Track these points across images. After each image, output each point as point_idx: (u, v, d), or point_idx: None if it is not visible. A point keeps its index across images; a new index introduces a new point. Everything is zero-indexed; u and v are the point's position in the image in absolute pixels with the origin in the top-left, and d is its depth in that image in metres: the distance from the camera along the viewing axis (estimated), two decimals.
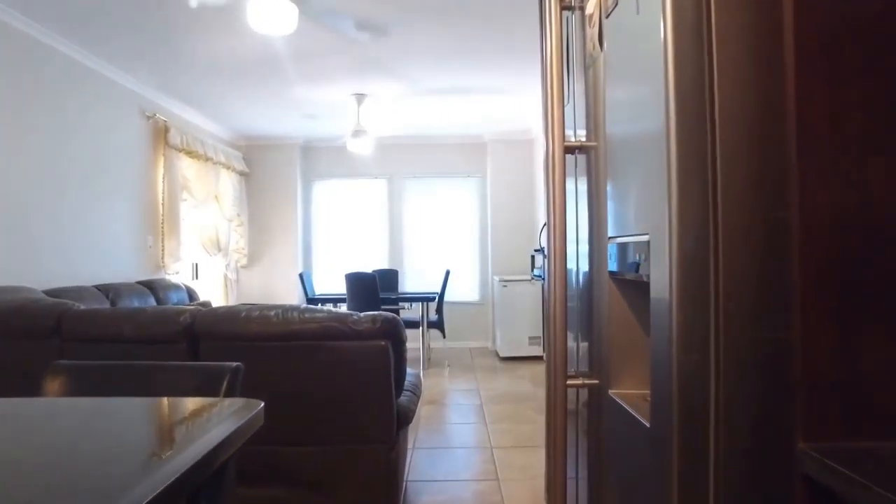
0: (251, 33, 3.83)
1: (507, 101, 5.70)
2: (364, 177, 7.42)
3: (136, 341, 2.17)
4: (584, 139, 1.44)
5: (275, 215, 7.18)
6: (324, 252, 7.50)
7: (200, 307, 2.30)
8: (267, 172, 7.18)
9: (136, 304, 4.28)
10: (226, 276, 6.31)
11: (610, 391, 1.13)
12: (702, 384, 0.79)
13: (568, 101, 1.55)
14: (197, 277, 6.16)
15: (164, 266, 5.19)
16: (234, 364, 1.23)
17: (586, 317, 1.41)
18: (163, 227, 5.19)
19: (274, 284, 7.16)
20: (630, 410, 0.99)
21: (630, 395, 1.08)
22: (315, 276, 7.46)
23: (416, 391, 2.67)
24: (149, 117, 5.01)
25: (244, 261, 7.00)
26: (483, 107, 5.88)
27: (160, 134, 5.17)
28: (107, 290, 4.10)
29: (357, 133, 5.22)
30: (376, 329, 2.16)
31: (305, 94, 5.25)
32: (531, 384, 5.25)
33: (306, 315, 2.18)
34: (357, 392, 2.19)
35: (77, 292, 3.79)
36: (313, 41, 4.02)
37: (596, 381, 1.31)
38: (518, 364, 6.22)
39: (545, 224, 2.69)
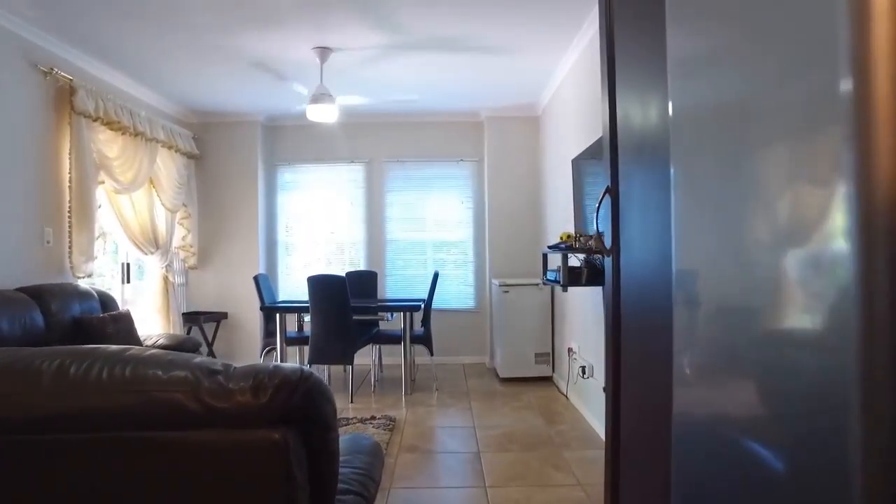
0: None
1: (509, 65, 4.57)
2: (338, 161, 6.26)
3: None
4: None
5: (232, 206, 6.02)
6: (291, 251, 6.35)
7: None
8: (222, 155, 6.02)
9: (2, 321, 3.12)
10: (166, 280, 5.14)
11: None
12: None
13: None
14: (128, 281, 5.00)
15: (72, 267, 4.03)
16: None
17: None
18: (70, 218, 4.03)
19: (231, 289, 6.00)
20: None
21: None
22: (282, 279, 6.31)
23: (368, 486, 1.53)
24: (45, 73, 3.84)
25: (193, 260, 5.83)
26: (480, 72, 4.75)
27: (63, 97, 4.01)
28: None
29: (319, 97, 4.07)
30: (261, 405, 1.02)
31: (255, 47, 4.10)
32: (542, 418, 4.12)
33: (118, 372, 1.04)
34: None
35: None
36: None
37: None
38: (522, 387, 5.08)
39: (604, 197, 1.61)
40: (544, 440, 3.63)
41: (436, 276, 5.29)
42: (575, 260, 3.84)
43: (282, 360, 4.94)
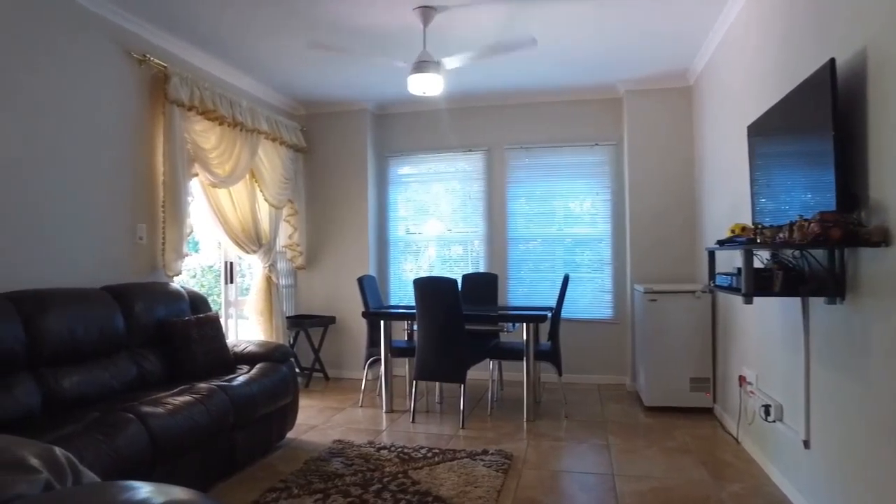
0: None
1: (654, 16, 3.60)
2: (454, 150, 5.62)
3: None
4: None
5: (341, 202, 5.61)
6: (404, 250, 5.81)
7: None
8: (330, 147, 5.63)
9: (76, 321, 2.81)
10: (269, 280, 4.81)
11: None
12: None
13: None
14: (231, 281, 4.73)
15: (164, 266, 3.76)
16: None
17: None
18: (163, 213, 3.75)
19: (339, 291, 5.59)
20: None
21: None
22: (393, 281, 5.80)
23: None
24: (139, 61, 3.60)
25: (300, 260, 5.49)
26: (617, 28, 3.82)
27: (157, 85, 3.75)
28: (21, 300, 2.67)
29: (422, 65, 3.42)
30: None
31: (351, 13, 3.55)
32: (705, 469, 3.11)
33: None
34: None
35: None
36: None
37: None
38: (673, 420, 4.06)
39: None
40: None
41: (566, 280, 4.42)
42: (758, 261, 2.81)
43: (386, 374, 4.37)
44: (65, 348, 2.75)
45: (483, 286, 5.07)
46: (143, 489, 0.73)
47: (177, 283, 3.80)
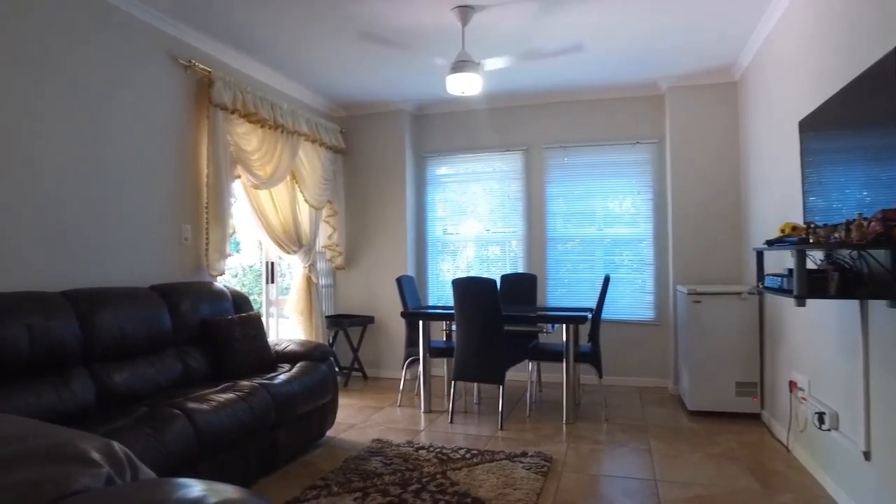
0: None
1: (701, 8, 3.50)
2: (492, 150, 5.59)
3: None
4: None
5: (380, 203, 5.64)
6: (442, 250, 5.81)
7: None
8: (369, 148, 5.67)
9: (127, 319, 2.89)
10: (308, 280, 4.87)
11: None
12: None
13: None
14: (272, 280, 4.81)
15: (207, 265, 3.84)
16: None
17: None
18: (207, 214, 3.84)
19: (377, 291, 5.62)
20: None
21: None
22: (432, 281, 5.80)
23: None
24: (185, 66, 3.69)
25: (340, 260, 5.55)
26: (662, 24, 3.73)
27: (202, 89, 3.84)
28: (77, 299, 2.76)
29: (460, 65, 3.41)
30: None
31: (387, 14, 3.56)
32: (753, 477, 3.01)
33: None
34: None
35: (12, 301, 2.46)
36: None
37: None
38: (718, 425, 3.94)
39: None
40: None
41: (607, 280, 4.35)
42: (810, 261, 2.70)
43: (424, 374, 4.38)
44: (116, 345, 2.84)
45: (522, 287, 5.03)
46: (197, 487, 0.74)
47: (220, 282, 3.89)
